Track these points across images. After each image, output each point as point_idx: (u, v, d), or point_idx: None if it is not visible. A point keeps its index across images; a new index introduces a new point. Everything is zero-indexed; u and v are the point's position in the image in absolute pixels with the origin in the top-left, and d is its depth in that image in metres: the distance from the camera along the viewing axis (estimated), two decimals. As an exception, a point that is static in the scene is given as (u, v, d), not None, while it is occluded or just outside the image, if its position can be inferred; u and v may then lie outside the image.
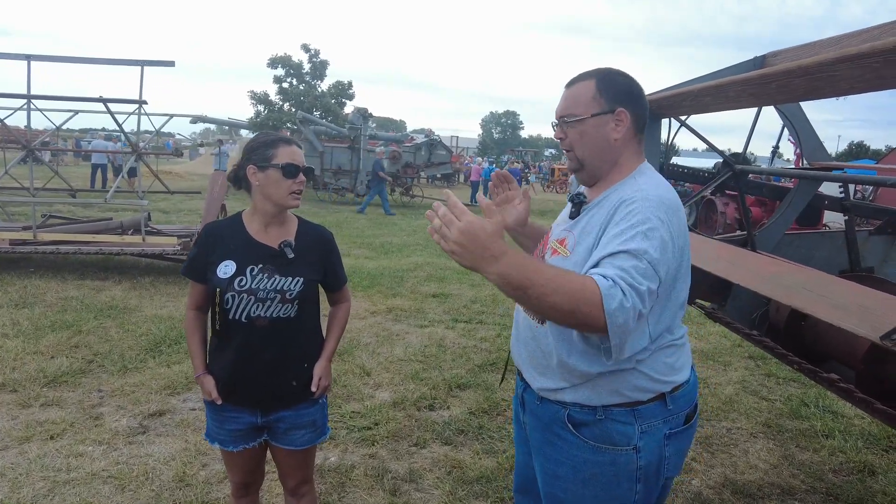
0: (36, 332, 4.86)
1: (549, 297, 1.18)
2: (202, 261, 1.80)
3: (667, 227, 1.30)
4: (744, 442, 3.58)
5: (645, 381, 1.41)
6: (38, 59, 5.90)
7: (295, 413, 1.88)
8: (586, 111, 1.45)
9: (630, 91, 1.47)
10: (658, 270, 1.25)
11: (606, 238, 1.30)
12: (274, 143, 1.76)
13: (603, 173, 1.50)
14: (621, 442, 1.43)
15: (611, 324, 1.18)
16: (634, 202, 1.32)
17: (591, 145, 1.46)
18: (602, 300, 1.17)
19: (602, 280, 1.20)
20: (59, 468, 2.93)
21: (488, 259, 1.18)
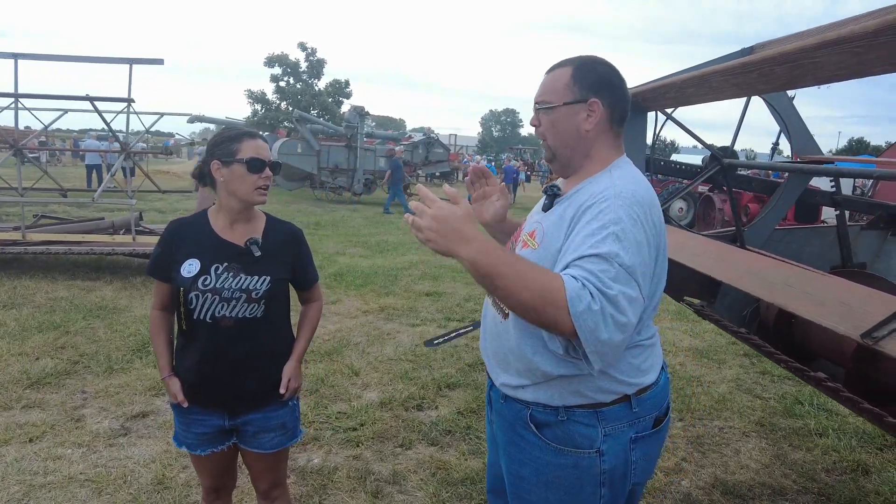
0: (22, 333, 4.80)
1: (517, 291, 1.15)
2: (166, 259, 1.74)
3: (641, 226, 1.24)
4: (736, 441, 3.53)
5: (608, 382, 1.35)
6: (25, 58, 5.84)
7: (263, 415, 1.83)
8: (559, 99, 1.39)
9: (608, 81, 1.41)
10: (633, 274, 1.18)
11: (577, 238, 1.24)
12: (238, 138, 1.70)
13: (575, 165, 1.44)
14: (584, 444, 1.37)
15: (579, 327, 1.12)
16: (606, 199, 1.26)
17: (562, 135, 1.41)
18: (568, 302, 1.12)
19: (571, 281, 1.14)
20: (36, 472, 2.88)
21: (460, 242, 1.17)
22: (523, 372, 1.40)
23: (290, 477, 2.92)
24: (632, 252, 1.19)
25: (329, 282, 7.07)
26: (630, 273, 1.17)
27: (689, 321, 5.89)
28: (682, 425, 3.69)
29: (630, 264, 1.17)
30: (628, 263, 1.17)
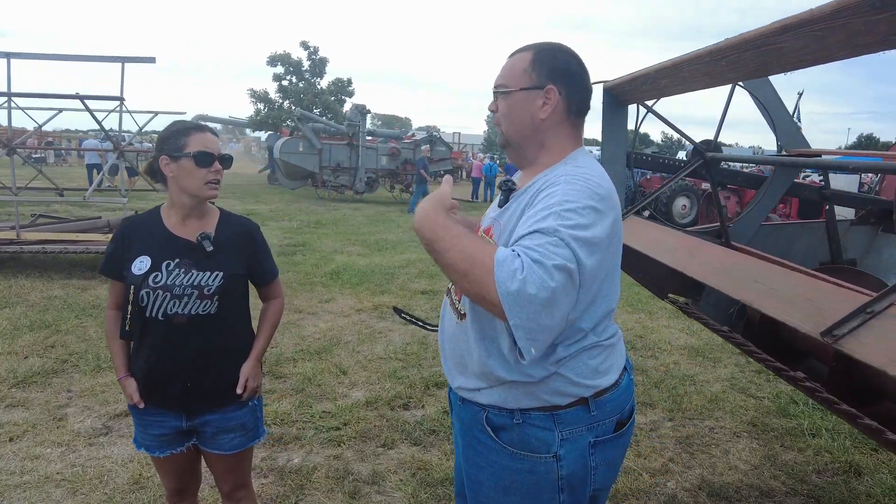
0: (14, 332, 4.80)
1: (448, 253, 1.16)
2: (119, 257, 1.71)
3: (590, 210, 1.17)
4: (726, 442, 3.46)
5: (563, 384, 1.29)
6: (17, 57, 5.84)
7: (222, 416, 1.78)
8: (516, 84, 1.34)
9: (567, 70, 1.35)
10: (572, 247, 1.11)
11: (525, 223, 1.19)
12: (185, 132, 1.66)
13: (529, 154, 1.39)
14: (540, 449, 1.31)
15: (501, 293, 1.05)
16: (556, 185, 1.22)
17: (517, 121, 1.36)
18: (494, 265, 1.07)
19: (503, 250, 1.11)
20: (13, 471, 2.86)
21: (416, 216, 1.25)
22: (477, 375, 1.35)
23: (269, 476, 2.89)
24: (574, 230, 1.13)
25: (325, 280, 7.04)
26: (570, 248, 1.10)
27: (686, 319, 5.81)
28: (672, 425, 3.63)
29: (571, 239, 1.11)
30: (569, 238, 1.11)
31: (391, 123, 66.38)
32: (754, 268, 1.62)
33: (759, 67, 1.45)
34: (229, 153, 1.75)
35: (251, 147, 47.62)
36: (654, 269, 2.31)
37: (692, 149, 2.52)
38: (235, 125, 33.14)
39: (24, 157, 6.37)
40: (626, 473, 3.03)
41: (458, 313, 1.39)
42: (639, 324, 5.81)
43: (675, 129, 2.58)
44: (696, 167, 2.51)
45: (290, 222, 12.25)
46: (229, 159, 1.72)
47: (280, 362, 4.35)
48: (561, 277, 1.08)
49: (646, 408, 3.86)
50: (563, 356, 1.27)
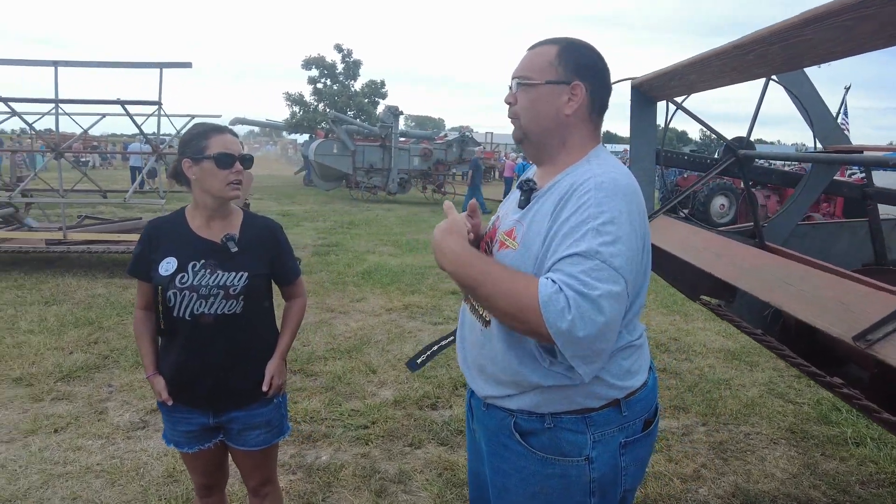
0: (60, 328, 5.01)
1: (494, 298, 1.16)
2: (146, 259, 1.76)
3: (624, 217, 1.16)
4: (762, 448, 3.36)
5: (599, 386, 1.28)
6: (63, 65, 6.11)
7: (247, 413, 1.82)
8: (541, 77, 1.31)
9: (593, 66, 1.33)
10: (617, 269, 1.11)
11: (557, 238, 1.18)
12: (206, 134, 1.69)
13: (549, 151, 1.35)
14: (572, 452, 1.30)
15: (554, 333, 1.07)
16: (588, 192, 1.18)
17: (540, 116, 1.32)
18: (541, 307, 1.08)
19: (545, 286, 1.09)
20: (57, 461, 2.98)
21: (440, 257, 1.25)
22: (508, 382, 1.33)
23: (297, 473, 2.93)
24: (615, 246, 1.12)
25: (357, 280, 7.12)
26: (613, 268, 1.11)
27: (723, 321, 5.66)
28: (705, 430, 3.54)
29: (612, 258, 1.11)
30: (610, 258, 1.11)
31: (424, 124, 66.61)
32: (786, 269, 1.56)
33: (789, 61, 1.40)
34: (250, 153, 1.78)
35: (287, 149, 48.47)
36: (684, 271, 2.26)
37: (724, 147, 2.45)
38: (272, 128, 33.80)
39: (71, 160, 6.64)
40: (657, 479, 2.97)
41: (483, 319, 1.37)
42: (673, 326, 5.69)
43: (705, 126, 2.51)
44: (728, 165, 2.44)
45: (324, 223, 12.43)
46: (250, 159, 1.76)
47: (311, 360, 4.42)
48: (609, 306, 1.09)
49: (678, 412, 3.78)
50: None
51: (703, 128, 2.32)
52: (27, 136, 21.49)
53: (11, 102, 6.74)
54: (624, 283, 1.12)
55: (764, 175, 2.89)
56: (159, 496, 2.70)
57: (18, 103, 6.87)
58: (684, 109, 2.35)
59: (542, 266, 1.19)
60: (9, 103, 6.73)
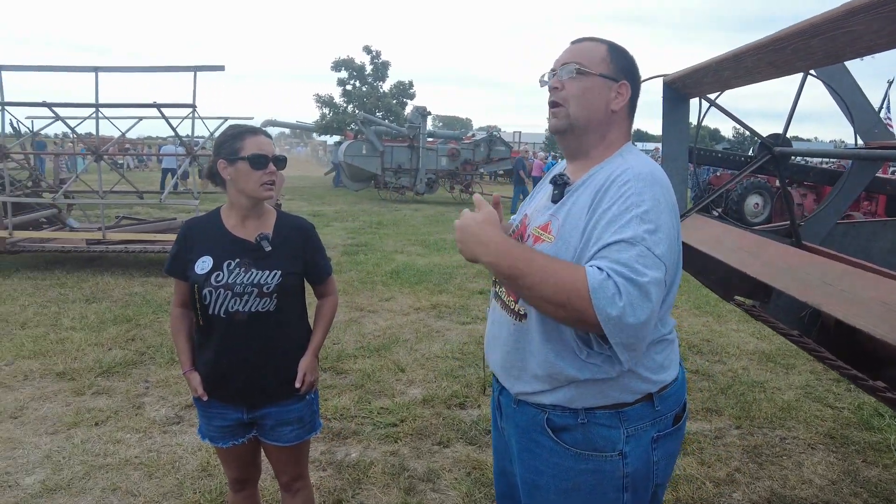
0: (100, 325, 5.17)
1: (539, 287, 1.14)
2: (182, 258, 1.80)
3: (663, 206, 1.19)
4: (799, 453, 3.27)
5: (635, 381, 1.29)
6: (103, 71, 6.31)
7: (281, 409, 1.85)
8: (596, 69, 1.33)
9: (634, 70, 1.38)
10: (660, 256, 1.13)
11: (600, 225, 1.19)
12: (240, 135, 1.73)
13: (589, 144, 1.37)
14: (606, 447, 1.30)
15: (603, 320, 1.08)
16: (627, 181, 1.21)
17: (590, 106, 1.33)
18: (590, 294, 1.08)
19: (594, 273, 1.10)
20: (98, 453, 3.08)
21: (478, 247, 1.22)
22: (543, 377, 1.33)
23: (327, 470, 2.97)
24: (657, 234, 1.15)
25: (385, 279, 7.17)
26: (656, 255, 1.13)
27: (757, 322, 5.52)
28: (739, 433, 3.46)
29: (655, 246, 1.13)
30: (654, 245, 1.13)
31: (452, 124, 66.65)
32: (825, 268, 1.52)
33: (829, 54, 1.36)
34: (283, 154, 1.82)
35: (318, 150, 49.05)
36: (717, 270, 2.22)
37: (759, 144, 2.40)
38: (302, 129, 34.26)
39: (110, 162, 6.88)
40: (689, 482, 2.92)
41: (517, 315, 1.37)
42: (706, 327, 5.58)
43: (739, 123, 2.46)
44: (764, 163, 2.38)
45: (353, 223, 12.55)
46: (283, 160, 1.79)
47: (341, 358, 4.47)
48: (655, 293, 1.11)
49: (711, 414, 3.71)
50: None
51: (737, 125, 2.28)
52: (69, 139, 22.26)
53: (55, 107, 7.00)
54: (665, 270, 1.14)
55: (801, 173, 2.81)
56: (194, 489, 2.77)
57: (61, 108, 7.13)
58: (718, 106, 2.31)
59: (582, 257, 1.20)
60: (53, 108, 6.99)
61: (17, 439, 3.21)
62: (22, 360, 4.33)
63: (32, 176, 8.56)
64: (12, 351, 4.48)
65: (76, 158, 16.45)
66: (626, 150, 1.36)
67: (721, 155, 2.78)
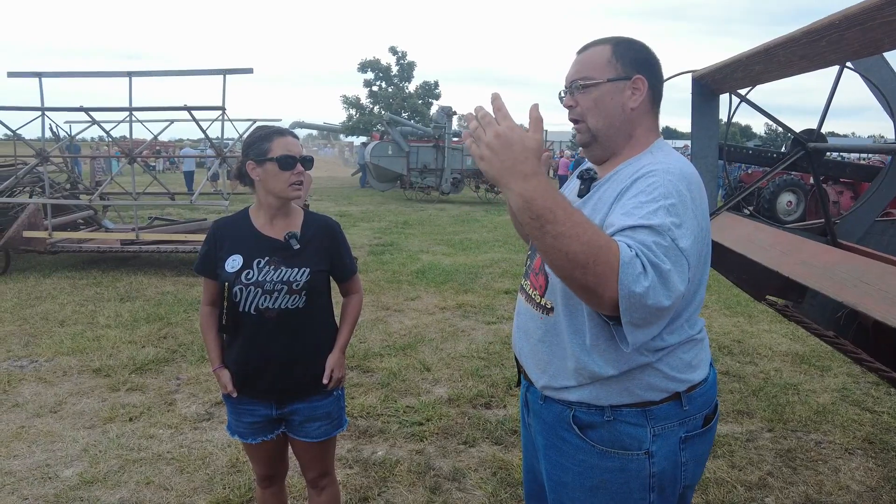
0: (133, 323, 5.31)
1: (567, 240, 1.01)
2: (212, 257, 1.84)
3: (690, 204, 1.17)
4: (835, 458, 3.17)
5: (660, 379, 1.27)
6: (136, 75, 6.48)
7: (309, 405, 1.88)
8: (602, 75, 1.31)
9: (648, 59, 1.34)
10: (683, 250, 1.10)
11: (624, 208, 1.15)
12: (269, 136, 1.76)
13: (617, 147, 1.35)
14: (632, 446, 1.29)
15: (624, 295, 1.02)
16: (655, 174, 1.19)
17: (606, 114, 1.31)
18: (620, 266, 1.02)
19: (626, 248, 1.05)
20: (132, 448, 3.16)
21: (516, 174, 1.04)
22: (570, 372, 1.31)
23: (354, 467, 3.00)
24: (682, 228, 1.12)
25: (411, 278, 7.19)
26: (680, 249, 1.10)
27: (790, 323, 5.39)
28: (772, 437, 3.38)
29: (680, 240, 1.11)
30: (680, 239, 1.11)
31: (477, 124, 66.32)
32: (862, 267, 1.47)
33: (867, 45, 1.32)
34: (310, 154, 1.84)
35: (344, 151, 49.50)
36: (748, 269, 2.17)
37: (792, 140, 2.34)
38: (329, 131, 34.61)
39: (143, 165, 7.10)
40: (719, 485, 2.86)
41: (544, 308, 1.36)
42: (737, 328, 5.46)
43: (771, 119, 2.40)
44: (797, 159, 2.32)
45: (379, 223, 12.63)
46: (310, 161, 1.82)
47: (367, 357, 4.51)
48: (675, 284, 1.07)
49: (742, 416, 3.63)
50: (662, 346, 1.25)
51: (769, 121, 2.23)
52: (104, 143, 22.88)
53: (91, 112, 7.22)
54: (688, 265, 1.11)
55: (836, 169, 2.73)
56: (223, 485, 2.82)
57: (97, 112, 7.35)
58: (749, 102, 2.25)
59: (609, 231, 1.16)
60: (89, 112, 7.21)
61: (56, 433, 3.32)
62: (61, 356, 4.47)
63: (70, 179, 8.83)
64: (52, 348, 4.63)
65: (111, 161, 16.92)
66: (656, 147, 1.33)
67: (752, 151, 2.71)
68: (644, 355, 1.25)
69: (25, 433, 3.31)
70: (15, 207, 7.27)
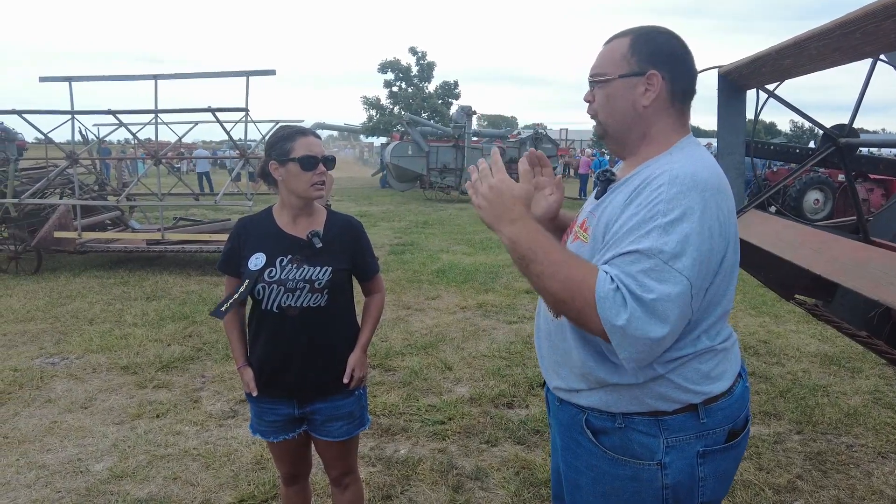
0: (159, 321, 5.41)
1: (547, 279, 1.12)
2: (236, 255, 1.86)
3: (698, 215, 1.10)
4: (867, 462, 3.10)
5: (671, 389, 1.22)
6: (161, 78, 6.61)
7: (330, 404, 1.89)
8: (614, 71, 1.26)
9: (670, 53, 1.26)
10: (681, 270, 1.06)
11: (622, 231, 1.13)
12: (291, 137, 1.78)
13: (631, 145, 1.31)
14: (643, 455, 1.25)
15: (608, 329, 1.05)
16: (661, 186, 1.13)
17: (616, 111, 1.28)
18: (596, 301, 1.05)
19: (603, 279, 1.06)
20: (159, 444, 3.22)
21: (504, 220, 1.17)
22: (577, 376, 1.30)
23: (377, 465, 3.01)
24: (681, 246, 1.07)
25: (431, 278, 7.21)
26: (675, 269, 1.06)
27: (819, 323, 5.27)
28: (800, 439, 3.31)
29: (678, 259, 1.06)
30: (675, 259, 1.06)
31: (497, 123, 66.34)
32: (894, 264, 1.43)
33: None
34: (332, 154, 1.85)
35: (364, 152, 49.79)
36: (776, 267, 2.12)
37: (822, 135, 2.28)
38: (350, 132, 34.84)
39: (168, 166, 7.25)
40: (746, 487, 2.81)
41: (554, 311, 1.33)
42: (762, 328, 5.37)
43: (801, 114, 2.34)
44: (827, 155, 2.27)
45: (399, 223, 12.68)
46: (332, 160, 1.83)
47: (389, 356, 4.53)
48: (664, 309, 1.05)
49: (769, 418, 3.56)
50: (674, 357, 1.20)
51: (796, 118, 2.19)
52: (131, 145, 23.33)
53: (119, 114, 7.37)
54: (687, 284, 1.07)
55: (870, 164, 2.65)
56: (248, 481, 2.86)
57: (124, 115, 7.51)
58: (777, 97, 2.21)
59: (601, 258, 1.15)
60: (117, 115, 7.36)
61: (87, 428, 3.40)
62: (91, 354, 4.57)
63: (98, 180, 9.03)
64: (82, 345, 4.74)
65: (137, 162, 17.25)
66: (679, 147, 1.26)
67: (780, 148, 2.66)
68: (653, 367, 1.20)
69: (58, 428, 3.40)
70: (46, 209, 7.46)
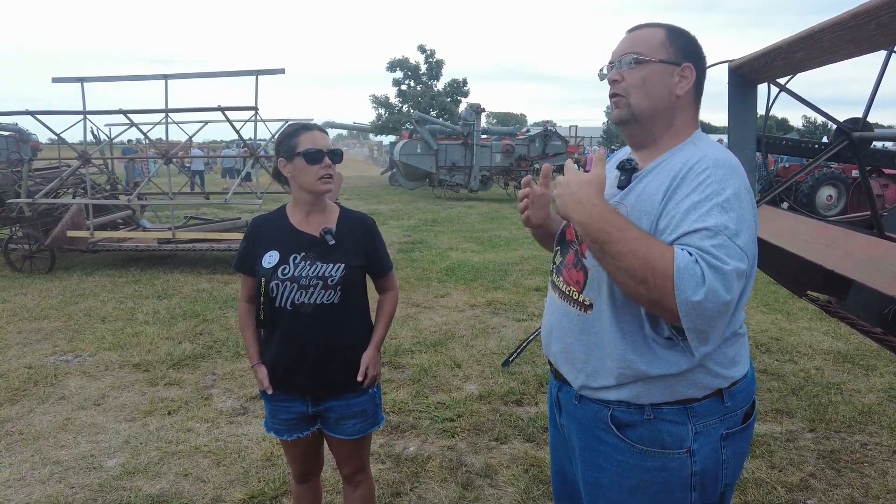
0: (170, 320, 5.45)
1: (625, 258, 1.11)
2: (250, 253, 1.87)
3: (744, 195, 1.17)
4: (883, 461, 3.06)
5: (705, 375, 1.25)
6: (172, 78, 6.65)
7: (344, 402, 1.89)
8: (654, 55, 1.29)
9: (697, 51, 1.33)
10: (743, 247, 1.11)
11: (679, 212, 1.16)
12: (296, 133, 1.79)
13: (655, 132, 1.32)
14: (673, 445, 1.26)
15: (680, 302, 1.06)
16: (706, 168, 1.18)
17: (652, 94, 1.29)
18: (675, 274, 1.06)
19: (683, 255, 1.08)
20: (171, 440, 3.24)
21: (574, 205, 1.20)
22: (612, 372, 1.28)
23: (386, 462, 3.02)
24: (739, 224, 1.13)
25: (440, 276, 7.21)
26: (738, 245, 1.11)
27: (832, 320, 5.22)
28: (813, 437, 3.28)
29: (738, 237, 1.11)
30: (737, 236, 1.11)
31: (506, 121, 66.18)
32: (912, 259, 1.41)
33: (919, 29, 1.26)
34: (339, 148, 1.86)
35: (374, 151, 49.86)
36: (788, 263, 2.10)
37: (835, 129, 2.25)
38: (359, 130, 34.91)
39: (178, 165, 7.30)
40: (758, 485, 2.79)
41: (581, 305, 1.33)
42: (774, 325, 5.32)
43: (813, 108, 2.32)
44: (841, 150, 2.24)
45: (408, 221, 12.69)
46: (339, 154, 1.83)
47: (399, 353, 4.53)
48: (737, 284, 1.09)
49: (781, 416, 3.53)
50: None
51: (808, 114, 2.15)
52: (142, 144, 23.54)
53: (130, 114, 7.43)
54: (748, 260, 1.13)
55: (885, 158, 2.61)
56: (258, 478, 2.87)
57: (135, 114, 7.57)
58: (789, 91, 2.18)
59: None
60: (128, 115, 7.42)
61: (100, 425, 3.43)
62: (103, 351, 4.62)
63: (110, 180, 9.11)
64: (95, 343, 4.79)
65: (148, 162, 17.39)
66: (698, 139, 1.32)
67: (792, 143, 2.63)
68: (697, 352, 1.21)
69: (71, 424, 3.43)
70: (59, 208, 7.54)
